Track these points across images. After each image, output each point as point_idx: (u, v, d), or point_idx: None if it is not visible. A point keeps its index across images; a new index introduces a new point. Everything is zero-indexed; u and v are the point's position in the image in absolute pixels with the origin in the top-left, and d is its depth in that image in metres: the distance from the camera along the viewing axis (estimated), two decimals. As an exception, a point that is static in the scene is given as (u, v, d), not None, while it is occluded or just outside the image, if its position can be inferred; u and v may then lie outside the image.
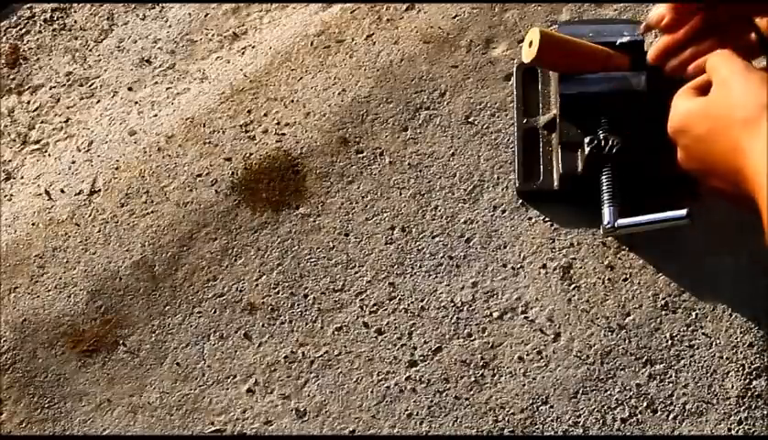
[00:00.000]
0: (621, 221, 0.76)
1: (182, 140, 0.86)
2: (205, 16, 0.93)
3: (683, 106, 0.67)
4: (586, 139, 0.77)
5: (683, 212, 0.74)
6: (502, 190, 0.83)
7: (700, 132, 0.64)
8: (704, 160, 0.65)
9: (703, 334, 0.78)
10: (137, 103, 0.90)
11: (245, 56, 0.91)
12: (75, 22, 0.94)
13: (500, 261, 0.80)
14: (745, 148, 0.59)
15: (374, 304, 0.80)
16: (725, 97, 0.63)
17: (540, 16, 0.88)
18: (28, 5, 0.95)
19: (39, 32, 0.94)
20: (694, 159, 0.66)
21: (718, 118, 0.63)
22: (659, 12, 0.71)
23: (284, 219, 0.83)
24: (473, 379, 0.77)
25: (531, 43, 0.73)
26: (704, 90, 0.67)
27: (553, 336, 0.78)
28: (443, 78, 0.87)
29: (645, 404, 0.76)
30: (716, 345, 0.77)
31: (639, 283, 0.79)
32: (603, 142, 0.76)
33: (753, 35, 0.67)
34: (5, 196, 0.87)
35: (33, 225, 0.84)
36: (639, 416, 0.76)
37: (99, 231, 0.84)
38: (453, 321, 0.79)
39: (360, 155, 0.84)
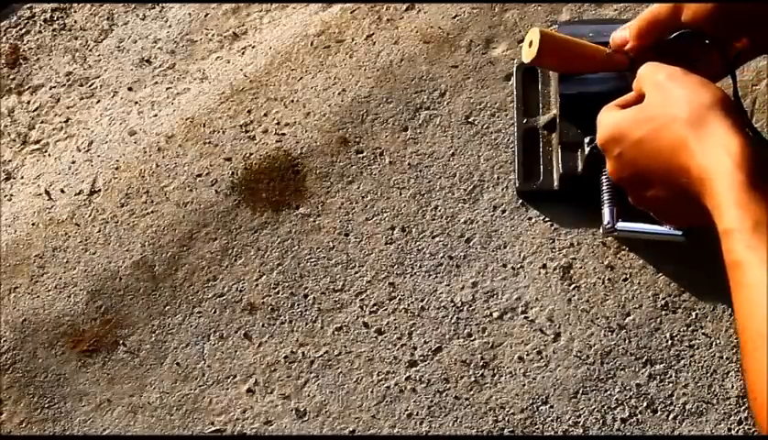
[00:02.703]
0: (621, 225, 0.76)
1: (182, 140, 0.86)
2: (205, 16, 0.93)
3: (612, 117, 0.66)
4: (586, 139, 0.77)
5: (680, 231, 0.75)
6: (502, 190, 0.83)
7: (638, 136, 0.63)
8: (642, 165, 0.63)
9: (703, 334, 0.78)
10: (137, 103, 0.90)
11: (245, 56, 0.91)
12: (75, 22, 0.95)
13: (500, 261, 0.80)
14: (693, 149, 0.59)
15: (374, 304, 0.80)
16: (664, 100, 0.62)
17: (540, 16, 0.88)
18: (28, 5, 0.95)
19: (39, 32, 0.94)
20: (629, 166, 0.65)
21: (658, 120, 0.62)
22: (622, 36, 0.71)
23: (284, 219, 0.83)
24: (473, 379, 0.77)
25: (531, 43, 0.73)
26: (627, 107, 0.67)
27: (553, 336, 0.78)
28: (443, 78, 0.87)
29: (645, 404, 0.76)
30: (716, 345, 0.77)
31: (639, 283, 0.79)
32: (603, 142, 0.76)
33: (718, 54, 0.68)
34: (5, 196, 0.87)
35: (33, 225, 0.84)
36: (639, 416, 0.76)
37: (99, 231, 0.84)
38: (453, 321, 0.79)
39: (360, 155, 0.85)
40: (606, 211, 0.77)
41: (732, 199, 0.55)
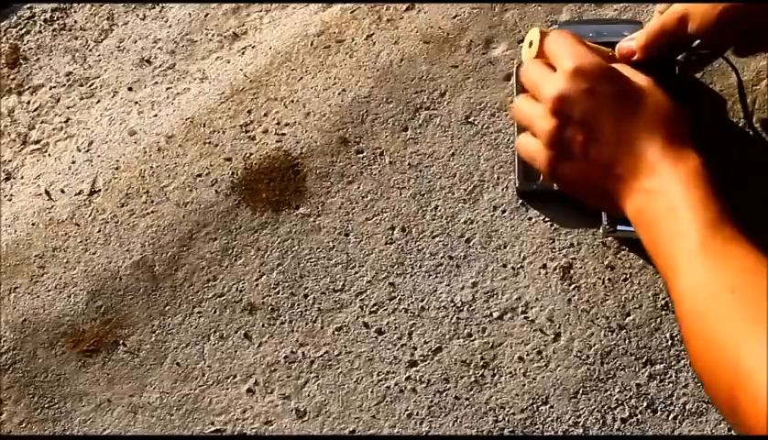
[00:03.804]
0: (622, 226, 0.76)
1: (182, 140, 0.86)
2: (205, 16, 0.93)
3: (600, 60, 0.66)
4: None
5: None
6: (502, 190, 0.83)
7: (617, 90, 0.64)
8: (604, 114, 0.64)
9: (703, 334, 0.78)
10: (137, 103, 0.90)
11: (245, 56, 0.91)
12: (75, 22, 0.94)
13: (500, 261, 0.80)
14: (661, 139, 0.61)
15: (374, 304, 0.80)
16: (652, 88, 0.65)
17: (540, 16, 0.88)
18: (28, 5, 0.95)
19: (39, 32, 0.94)
20: (591, 103, 0.64)
21: (644, 96, 0.64)
22: (629, 47, 0.72)
23: (284, 219, 0.83)
24: (473, 379, 0.77)
25: (531, 43, 0.73)
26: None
27: (553, 336, 0.78)
28: (443, 78, 0.87)
29: (645, 404, 0.76)
30: (716, 345, 0.77)
31: (639, 283, 0.79)
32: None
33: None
34: (5, 196, 0.87)
35: (33, 225, 0.84)
36: (639, 416, 0.76)
37: (99, 231, 0.84)
38: (453, 321, 0.79)
39: (360, 155, 0.85)
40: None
41: (693, 186, 0.59)
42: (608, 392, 0.76)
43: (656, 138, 0.61)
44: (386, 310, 0.80)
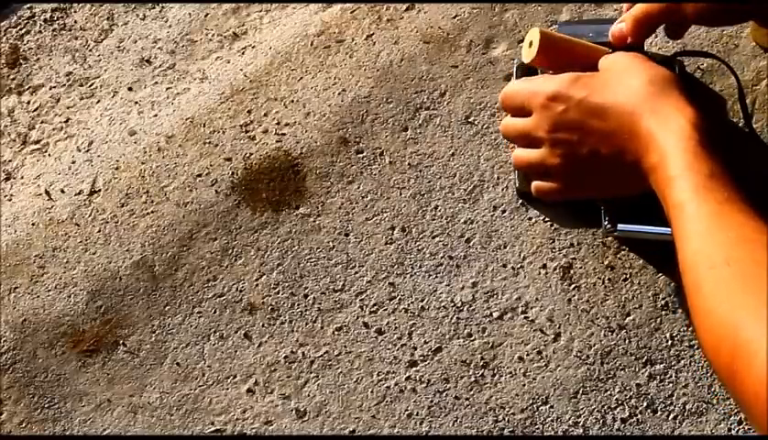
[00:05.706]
0: (622, 225, 0.76)
1: (182, 140, 0.86)
2: (205, 16, 0.93)
3: (565, 76, 0.69)
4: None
5: None
6: (502, 190, 0.83)
7: (588, 90, 0.66)
8: (587, 122, 0.66)
9: (703, 334, 0.77)
10: (137, 103, 0.90)
11: (245, 56, 0.91)
12: (75, 22, 0.94)
13: (500, 261, 0.80)
14: (648, 110, 0.63)
15: (374, 304, 0.80)
16: (625, 69, 0.67)
17: (540, 16, 0.88)
18: (28, 5, 0.95)
19: (39, 32, 0.94)
20: (571, 122, 0.67)
21: (616, 82, 0.66)
22: (619, 29, 0.72)
23: (284, 219, 0.83)
24: (473, 379, 0.77)
25: (530, 43, 0.73)
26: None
27: (553, 336, 0.78)
28: (443, 78, 0.87)
29: (645, 404, 0.76)
30: (716, 345, 0.77)
31: (639, 283, 0.79)
32: (603, 142, 0.76)
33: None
34: (5, 196, 0.87)
35: (33, 225, 0.84)
36: (639, 416, 0.76)
37: (99, 231, 0.84)
38: (453, 321, 0.79)
39: (360, 155, 0.85)
40: (606, 211, 0.77)
41: (682, 150, 0.58)
42: (608, 392, 0.76)
43: (642, 109, 0.62)
44: (386, 310, 0.80)
